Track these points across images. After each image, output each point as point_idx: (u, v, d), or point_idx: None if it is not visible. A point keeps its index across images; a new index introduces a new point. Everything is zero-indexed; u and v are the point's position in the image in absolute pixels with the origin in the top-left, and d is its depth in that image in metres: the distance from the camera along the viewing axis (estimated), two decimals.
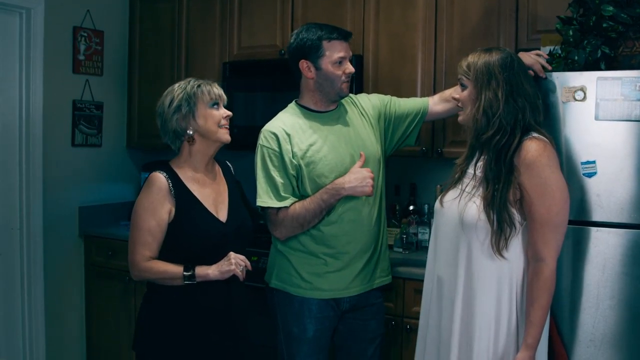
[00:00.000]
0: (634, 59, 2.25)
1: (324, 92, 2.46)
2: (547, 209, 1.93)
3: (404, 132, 2.62)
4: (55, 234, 3.73)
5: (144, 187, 2.19)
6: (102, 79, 3.95)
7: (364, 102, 2.61)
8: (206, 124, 2.22)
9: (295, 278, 2.45)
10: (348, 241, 2.43)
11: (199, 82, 2.26)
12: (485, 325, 1.98)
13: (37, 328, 3.65)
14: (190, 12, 3.79)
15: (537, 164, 1.94)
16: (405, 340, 2.80)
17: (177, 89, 2.24)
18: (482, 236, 1.98)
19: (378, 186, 2.51)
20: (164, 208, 2.16)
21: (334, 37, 2.41)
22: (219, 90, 2.28)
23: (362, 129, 2.53)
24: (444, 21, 3.01)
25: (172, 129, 2.23)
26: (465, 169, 2.14)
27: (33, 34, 3.54)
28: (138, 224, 2.16)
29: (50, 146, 3.68)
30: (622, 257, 2.16)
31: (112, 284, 3.74)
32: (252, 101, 3.47)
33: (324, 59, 2.41)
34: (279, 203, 2.38)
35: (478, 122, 2.03)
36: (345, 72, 2.43)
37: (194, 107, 2.21)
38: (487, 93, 2.01)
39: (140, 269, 2.16)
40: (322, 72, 2.42)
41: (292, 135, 2.42)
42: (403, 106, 2.61)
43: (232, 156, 3.01)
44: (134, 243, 2.16)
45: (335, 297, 2.45)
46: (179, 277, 2.14)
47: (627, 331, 2.15)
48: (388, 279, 2.61)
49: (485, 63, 2.03)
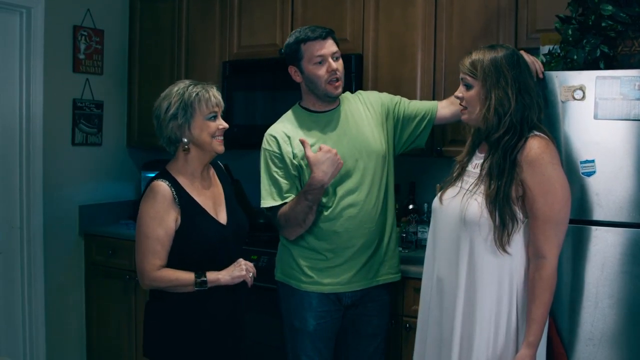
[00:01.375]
0: (633, 58, 2.25)
1: (315, 94, 2.49)
2: (550, 207, 1.93)
3: (412, 133, 2.63)
4: (55, 233, 3.74)
5: (148, 197, 2.15)
6: (102, 78, 3.96)
7: (372, 98, 2.62)
8: (201, 136, 2.19)
9: (298, 272, 2.50)
10: (349, 237, 2.45)
11: (197, 88, 2.19)
12: (485, 322, 1.98)
13: (37, 326, 3.65)
14: (190, 11, 3.79)
15: (539, 161, 1.94)
16: (405, 338, 2.81)
17: (174, 94, 2.18)
18: (485, 232, 1.97)
19: (382, 184, 2.52)
20: (170, 216, 2.14)
21: (310, 37, 2.42)
22: (216, 98, 2.22)
23: (365, 125, 2.54)
24: (444, 20, 3.01)
25: (167, 135, 2.21)
26: (465, 166, 2.14)
27: (33, 33, 3.55)
28: (146, 233, 2.12)
29: (51, 145, 3.68)
30: (621, 255, 2.16)
31: (112, 283, 3.75)
32: (252, 100, 3.48)
33: (304, 62, 2.44)
34: (282, 202, 2.43)
35: (489, 121, 2.00)
36: (328, 70, 2.42)
37: (190, 118, 2.16)
38: (497, 91, 1.99)
39: (151, 278, 2.13)
40: (305, 75, 2.46)
41: (292, 137, 2.45)
42: (412, 107, 2.63)
43: (232, 156, 3.02)
44: (143, 253, 2.13)
45: (335, 291, 2.48)
46: (191, 283, 2.13)
47: (626, 330, 2.16)
48: (396, 276, 2.61)
49: (493, 60, 2.01)
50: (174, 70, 3.82)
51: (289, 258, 2.54)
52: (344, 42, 3.23)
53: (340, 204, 2.44)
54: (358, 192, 2.46)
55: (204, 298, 2.16)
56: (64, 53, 3.75)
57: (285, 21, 3.42)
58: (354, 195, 2.45)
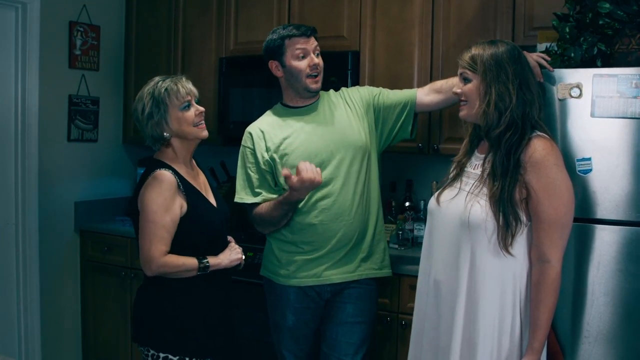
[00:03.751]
0: (630, 56, 2.25)
1: (294, 89, 2.54)
2: (555, 209, 1.89)
3: (394, 123, 2.62)
4: (51, 229, 3.73)
5: (153, 185, 2.18)
6: (99, 74, 3.94)
7: (352, 94, 2.64)
8: (181, 127, 2.24)
9: (277, 266, 2.54)
10: (324, 230, 2.46)
11: (165, 83, 2.25)
12: (489, 328, 1.93)
13: (32, 323, 3.64)
14: (187, 7, 3.78)
15: (545, 162, 1.90)
16: (401, 336, 2.81)
17: (145, 94, 2.25)
18: (489, 234, 1.92)
19: (361, 176, 2.51)
20: (176, 204, 2.18)
21: (294, 34, 2.49)
22: (185, 87, 2.26)
23: (343, 119, 2.55)
24: (441, 17, 3.01)
25: (149, 134, 2.26)
26: (463, 166, 2.10)
27: (29, 28, 3.53)
28: (154, 220, 2.15)
29: (46, 141, 3.67)
30: (617, 254, 2.16)
31: (107, 279, 3.74)
32: (248, 97, 3.47)
33: (287, 56, 2.50)
34: (253, 199, 2.51)
35: (489, 117, 1.96)
36: (309, 64, 2.48)
37: (165, 113, 2.22)
38: (498, 86, 1.95)
39: (159, 264, 2.16)
40: (287, 69, 2.52)
41: (266, 132, 2.52)
42: (392, 97, 2.63)
43: (228, 152, 3.02)
44: (150, 240, 2.15)
45: (312, 284, 2.48)
46: (195, 268, 2.19)
47: (622, 327, 2.16)
48: (380, 272, 2.58)
49: (494, 55, 1.97)
50: (171, 67, 3.81)
51: (269, 252, 2.59)
52: (340, 38, 3.23)
53: (313, 196, 2.44)
54: (332, 184, 2.46)
55: (203, 283, 2.22)
56: (59, 49, 3.73)
57: (282, 18, 3.41)
58: (328, 187, 2.45)
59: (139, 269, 3.55)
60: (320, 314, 2.55)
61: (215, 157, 3.79)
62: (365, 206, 2.53)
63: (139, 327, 2.28)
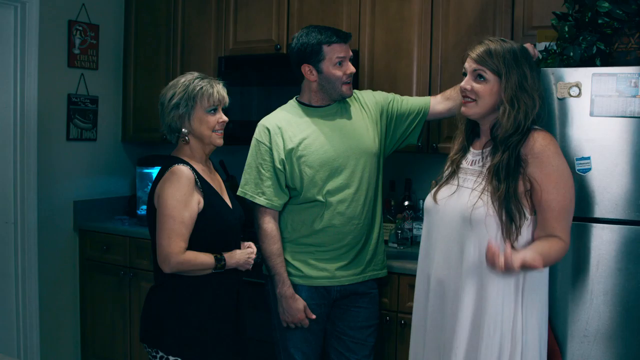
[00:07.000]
0: (629, 55, 2.25)
1: (327, 93, 2.52)
2: (563, 195, 1.93)
3: (405, 131, 2.64)
4: (50, 228, 3.73)
5: (171, 180, 2.15)
6: (98, 72, 3.94)
7: (367, 98, 2.64)
8: (200, 128, 2.25)
9: (287, 266, 2.52)
10: (337, 232, 2.48)
11: (203, 82, 2.25)
12: (492, 323, 1.92)
13: (31, 322, 3.64)
14: (186, 6, 3.78)
15: (546, 152, 1.93)
16: (400, 334, 2.81)
17: (180, 85, 2.24)
18: (493, 231, 1.93)
19: (371, 182, 2.54)
20: (194, 199, 2.17)
21: (333, 40, 2.46)
22: (220, 93, 2.27)
23: (360, 123, 2.56)
24: (440, 16, 3.01)
25: (168, 123, 2.26)
26: (459, 163, 2.11)
27: (28, 27, 3.52)
28: (173, 216, 2.12)
29: (45, 140, 3.67)
30: (616, 253, 2.16)
31: (106, 279, 3.74)
32: (247, 96, 3.47)
33: (325, 62, 2.47)
34: (257, 198, 2.49)
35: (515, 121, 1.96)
36: (346, 72, 2.48)
37: (191, 109, 2.22)
38: (523, 94, 1.96)
39: (179, 261, 2.13)
40: (323, 75, 2.48)
41: (285, 129, 2.48)
42: (405, 105, 2.64)
43: (227, 151, 3.01)
44: (169, 236, 2.12)
45: (324, 285, 2.50)
46: (211, 266, 2.19)
47: (621, 326, 2.16)
48: (382, 272, 2.64)
49: (511, 51, 1.98)
50: (170, 66, 3.81)
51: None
52: None
53: (329, 199, 2.46)
54: (348, 188, 2.48)
55: (216, 281, 2.22)
56: (58, 48, 3.73)
57: (281, 17, 3.41)
58: (343, 193, 2.47)
59: (138, 268, 3.58)
60: (327, 312, 2.56)
61: (215, 156, 3.76)
62: (372, 210, 2.57)
63: (150, 328, 2.23)
